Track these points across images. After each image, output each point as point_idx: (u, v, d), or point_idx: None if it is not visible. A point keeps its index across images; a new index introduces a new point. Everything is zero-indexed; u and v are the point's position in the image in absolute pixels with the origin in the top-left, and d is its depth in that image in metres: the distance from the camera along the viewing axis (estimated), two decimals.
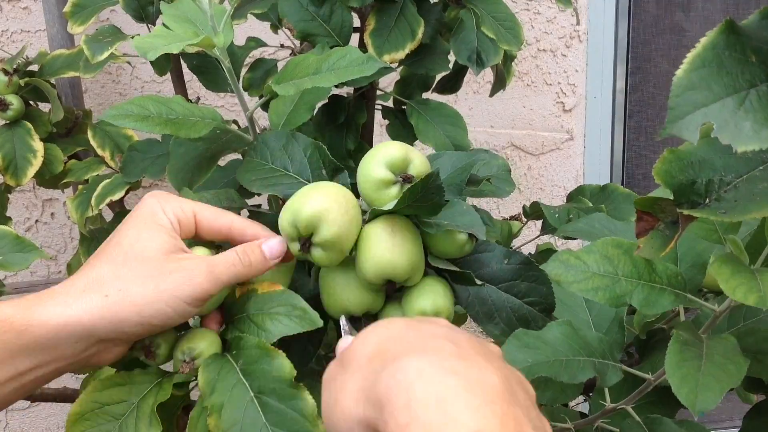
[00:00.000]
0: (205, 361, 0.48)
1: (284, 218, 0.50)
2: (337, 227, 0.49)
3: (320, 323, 0.48)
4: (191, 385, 0.53)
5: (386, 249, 0.50)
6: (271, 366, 0.46)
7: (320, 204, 0.49)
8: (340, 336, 0.49)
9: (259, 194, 0.60)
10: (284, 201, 0.52)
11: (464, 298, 0.54)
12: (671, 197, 0.36)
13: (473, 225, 0.50)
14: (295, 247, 0.50)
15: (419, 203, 0.49)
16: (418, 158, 0.52)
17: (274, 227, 0.52)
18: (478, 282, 0.53)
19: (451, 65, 0.84)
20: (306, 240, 0.49)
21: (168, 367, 0.52)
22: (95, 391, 0.49)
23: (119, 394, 0.49)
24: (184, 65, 0.92)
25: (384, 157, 0.52)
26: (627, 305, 0.51)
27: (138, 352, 0.49)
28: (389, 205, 0.50)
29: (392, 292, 0.54)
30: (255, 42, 0.91)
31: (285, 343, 0.48)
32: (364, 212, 0.53)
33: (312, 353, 0.56)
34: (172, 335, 0.50)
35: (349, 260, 0.53)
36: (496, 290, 0.55)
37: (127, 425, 0.47)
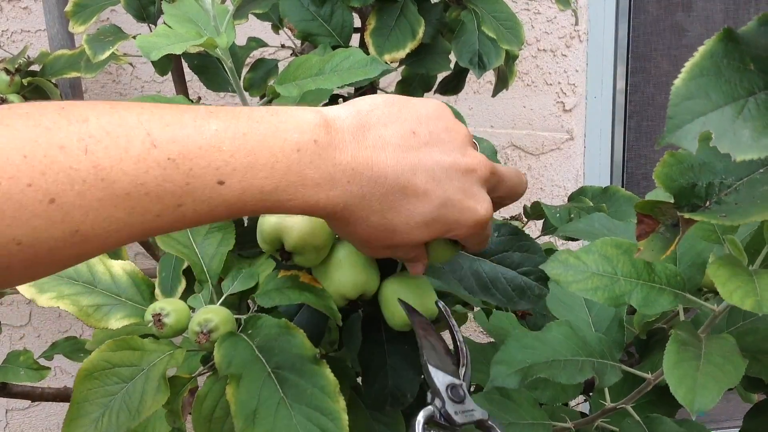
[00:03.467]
0: (222, 336, 0.48)
1: (260, 238, 0.50)
2: (298, 232, 0.48)
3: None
4: (198, 369, 0.53)
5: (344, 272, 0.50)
6: (291, 344, 0.46)
7: (277, 218, 0.48)
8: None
9: None
10: None
11: (458, 273, 0.54)
12: (671, 200, 0.36)
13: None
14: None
15: None
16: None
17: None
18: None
19: (452, 65, 0.84)
20: (282, 251, 0.49)
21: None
22: (108, 350, 0.49)
23: (130, 358, 0.49)
24: (184, 65, 0.92)
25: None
26: (626, 305, 0.51)
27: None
28: None
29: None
30: (256, 42, 0.91)
31: None
32: None
33: None
34: (185, 308, 0.51)
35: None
36: (489, 263, 0.55)
37: (135, 388, 0.47)
